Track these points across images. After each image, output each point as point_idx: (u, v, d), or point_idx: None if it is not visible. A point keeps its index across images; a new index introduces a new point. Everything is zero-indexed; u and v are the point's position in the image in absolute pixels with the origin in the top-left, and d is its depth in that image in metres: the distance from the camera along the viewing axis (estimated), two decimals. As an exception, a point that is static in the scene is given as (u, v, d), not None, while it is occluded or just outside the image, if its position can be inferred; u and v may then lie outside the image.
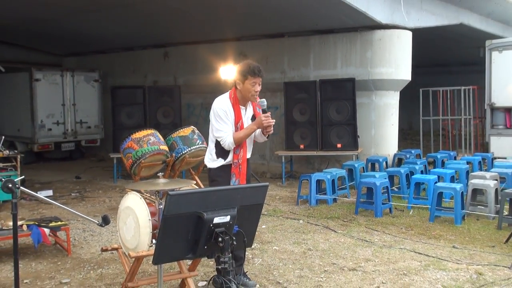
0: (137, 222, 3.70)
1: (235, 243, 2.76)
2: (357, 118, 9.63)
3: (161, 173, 4.07)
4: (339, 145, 9.63)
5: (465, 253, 5.41)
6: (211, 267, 4.96)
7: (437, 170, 8.53)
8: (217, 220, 2.73)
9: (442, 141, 13.37)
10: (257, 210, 3.02)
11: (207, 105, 12.06)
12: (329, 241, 5.92)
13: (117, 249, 4.25)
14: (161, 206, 3.71)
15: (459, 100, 12.46)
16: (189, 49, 12.39)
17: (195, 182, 4.92)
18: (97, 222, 3.46)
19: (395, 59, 9.81)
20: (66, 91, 12.88)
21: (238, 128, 4.20)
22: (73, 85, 13.01)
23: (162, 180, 3.89)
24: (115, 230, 5.02)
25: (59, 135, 12.84)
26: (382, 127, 10.09)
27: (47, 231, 5.36)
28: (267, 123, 4.06)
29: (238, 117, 4.19)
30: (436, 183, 7.12)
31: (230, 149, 4.18)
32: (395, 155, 10.14)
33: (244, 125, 4.23)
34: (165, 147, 7.25)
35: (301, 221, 6.88)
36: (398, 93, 10.29)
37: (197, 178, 7.48)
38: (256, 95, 4.15)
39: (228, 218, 2.76)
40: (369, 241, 5.90)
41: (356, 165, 8.99)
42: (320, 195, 7.92)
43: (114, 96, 11.03)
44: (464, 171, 8.49)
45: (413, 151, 10.64)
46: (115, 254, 5.08)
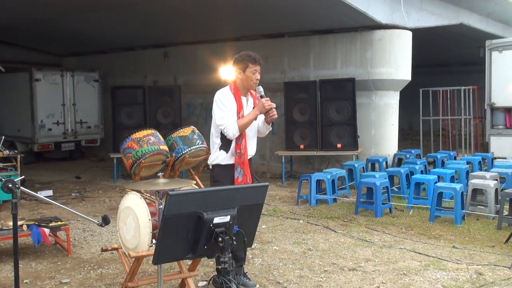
0: (137, 222, 3.70)
1: (235, 243, 2.76)
2: (357, 118, 9.63)
3: (161, 173, 4.07)
4: (339, 145, 9.63)
5: (465, 253, 5.41)
6: (211, 267, 4.96)
7: (437, 170, 8.53)
8: (217, 220, 2.73)
9: (442, 141, 13.37)
10: (257, 210, 3.03)
11: (207, 105, 12.08)
12: (329, 241, 5.92)
13: (117, 249, 4.25)
14: (161, 206, 3.71)
15: (459, 100, 12.46)
16: (189, 49, 12.39)
17: (195, 182, 4.92)
18: (97, 222, 3.46)
19: (395, 59, 9.81)
20: (66, 91, 12.88)
21: (240, 117, 4.23)
22: (73, 85, 13.02)
23: (162, 180, 3.89)
24: (115, 230, 5.02)
25: (59, 135, 12.84)
26: (382, 127, 10.10)
27: (47, 231, 5.36)
28: (268, 105, 4.13)
29: (239, 106, 4.23)
30: (436, 183, 7.12)
31: (234, 138, 4.19)
32: (395, 155, 10.14)
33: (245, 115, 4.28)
34: (165, 147, 7.24)
35: (301, 221, 6.88)
36: (398, 93, 10.30)
37: (197, 178, 7.47)
38: (257, 83, 4.23)
39: (228, 218, 2.76)
40: (369, 241, 5.90)
41: (356, 165, 8.99)
42: (320, 195, 7.93)
43: (114, 96, 11.03)
44: (464, 171, 8.49)
45: (413, 151, 10.65)
46: (115, 254, 5.08)
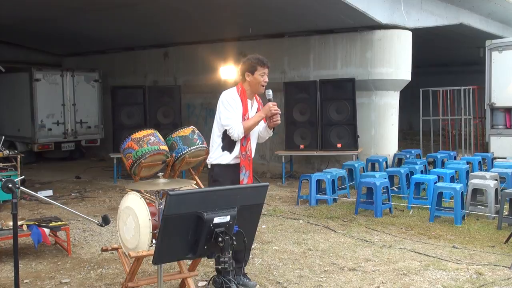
0: (137, 222, 3.70)
1: (235, 243, 2.76)
2: (357, 118, 9.64)
3: (161, 173, 4.07)
4: (339, 145, 9.64)
5: (465, 253, 5.41)
6: (211, 267, 4.96)
7: (437, 170, 8.53)
8: (217, 220, 2.73)
9: (442, 141, 13.37)
10: (257, 210, 3.02)
11: (207, 105, 12.08)
12: (329, 241, 5.92)
13: (117, 249, 4.25)
14: (161, 206, 3.71)
15: (459, 100, 12.46)
16: (189, 49, 12.39)
17: (195, 182, 4.92)
18: (97, 222, 3.46)
19: (395, 59, 9.82)
20: (66, 91, 12.88)
21: (245, 120, 4.23)
22: (73, 85, 13.01)
23: (162, 180, 3.89)
24: (115, 230, 5.02)
25: (59, 135, 12.84)
26: (382, 127, 10.10)
27: (47, 231, 5.35)
28: (275, 110, 4.16)
29: (245, 109, 4.24)
30: (436, 183, 7.12)
31: (238, 139, 4.19)
32: (395, 155, 10.14)
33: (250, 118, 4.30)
34: (165, 147, 7.24)
35: (301, 221, 6.88)
36: (398, 93, 10.30)
37: (197, 178, 7.47)
38: (265, 86, 4.27)
39: (228, 218, 2.76)
40: (369, 241, 5.90)
41: (356, 165, 8.99)
42: (320, 195, 7.93)
43: (114, 96, 11.03)
44: (464, 171, 8.49)
45: (413, 151, 10.64)
46: (115, 254, 5.08)
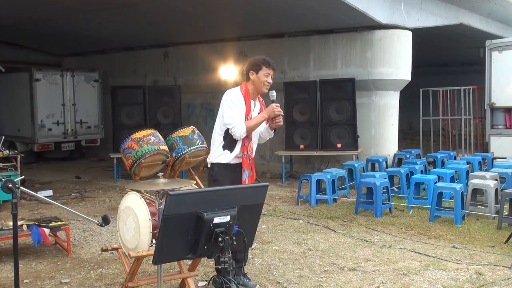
0: (137, 222, 3.70)
1: (235, 243, 2.76)
2: (357, 118, 9.64)
3: (161, 173, 4.07)
4: (339, 145, 9.64)
5: (465, 253, 5.41)
6: (211, 267, 4.96)
7: (437, 170, 8.53)
8: (217, 220, 2.73)
9: (442, 141, 13.37)
10: (257, 210, 3.02)
11: (207, 105, 12.07)
12: (329, 241, 5.92)
13: (117, 249, 4.25)
14: (161, 206, 3.71)
15: (459, 100, 12.46)
16: (189, 49, 12.39)
17: (195, 182, 4.92)
18: (97, 222, 3.46)
19: (395, 59, 9.82)
20: (66, 91, 12.88)
21: (248, 120, 4.24)
22: (73, 85, 13.01)
23: (162, 180, 3.89)
24: (115, 230, 5.02)
25: (59, 135, 12.84)
26: (382, 127, 10.10)
27: (47, 231, 5.35)
28: (278, 111, 4.19)
29: (248, 109, 4.24)
30: (436, 183, 7.12)
31: (240, 138, 4.20)
32: (395, 155, 10.14)
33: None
34: (165, 147, 7.24)
35: (301, 221, 6.88)
36: (398, 93, 10.30)
37: (197, 178, 7.48)
38: (268, 86, 4.29)
39: (228, 218, 2.76)
40: (369, 241, 5.90)
41: (356, 165, 8.99)
42: (320, 195, 7.93)
43: (114, 96, 11.03)
44: (464, 171, 8.49)
45: (413, 151, 10.65)
46: (115, 254, 5.08)
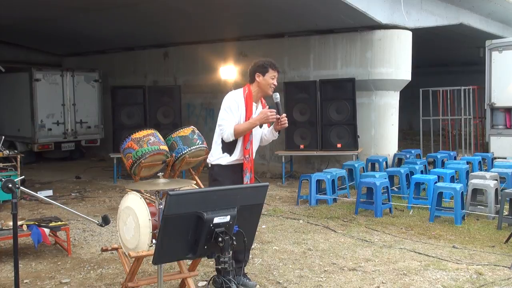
0: (137, 222, 3.70)
1: (235, 243, 2.76)
2: (357, 118, 9.64)
3: (161, 173, 4.07)
4: (339, 145, 9.64)
5: (465, 253, 5.41)
6: (211, 267, 4.96)
7: (437, 170, 8.53)
8: (217, 220, 2.73)
9: (442, 141, 13.37)
10: (257, 210, 3.02)
11: (207, 105, 12.07)
12: (329, 241, 5.92)
13: (117, 249, 4.25)
14: (161, 206, 3.71)
15: (459, 100, 12.46)
16: (189, 49, 12.39)
17: (195, 182, 4.92)
18: (97, 222, 3.46)
19: (395, 59, 9.82)
20: (66, 91, 12.88)
21: None
22: (73, 85, 13.02)
23: (162, 180, 3.89)
24: (115, 230, 5.02)
25: (59, 135, 12.84)
26: (382, 127, 10.10)
27: (47, 231, 5.35)
28: (272, 117, 4.15)
29: (249, 112, 4.21)
30: (436, 183, 7.12)
31: (227, 140, 4.17)
32: (395, 155, 10.14)
33: None
34: (165, 147, 7.24)
35: (301, 221, 6.88)
36: (398, 93, 10.30)
37: (197, 178, 7.48)
38: (273, 88, 4.29)
39: (228, 218, 2.76)
40: (369, 241, 5.90)
41: (356, 165, 8.99)
42: (320, 195, 7.93)
43: (114, 96, 11.04)
44: (464, 171, 8.49)
45: (413, 151, 10.65)
46: (115, 254, 5.08)
